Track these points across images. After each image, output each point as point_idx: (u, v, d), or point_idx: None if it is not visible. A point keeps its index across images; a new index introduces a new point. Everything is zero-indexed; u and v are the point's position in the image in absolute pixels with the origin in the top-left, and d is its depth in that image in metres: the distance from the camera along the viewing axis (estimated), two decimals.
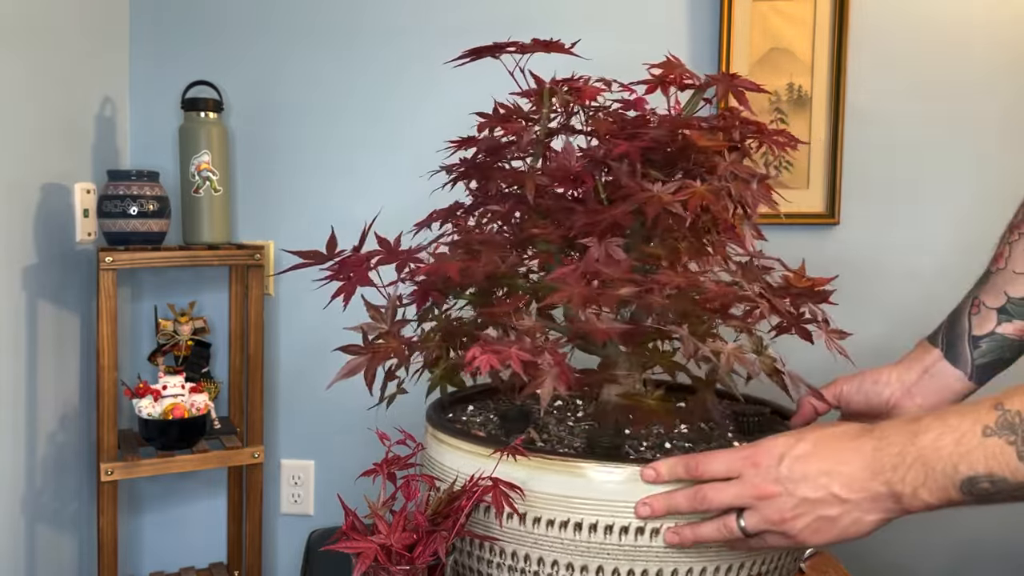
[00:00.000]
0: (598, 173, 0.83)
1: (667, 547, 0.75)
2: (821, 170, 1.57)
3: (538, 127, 0.87)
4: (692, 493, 0.73)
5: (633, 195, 0.77)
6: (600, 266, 0.75)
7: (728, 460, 0.73)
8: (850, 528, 0.69)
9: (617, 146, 0.79)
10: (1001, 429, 0.63)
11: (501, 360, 0.69)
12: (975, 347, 0.92)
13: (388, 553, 0.70)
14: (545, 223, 0.82)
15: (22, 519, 1.36)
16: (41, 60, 1.37)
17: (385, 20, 1.64)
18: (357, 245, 0.83)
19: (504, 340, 0.73)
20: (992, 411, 0.64)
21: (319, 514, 1.72)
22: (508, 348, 0.70)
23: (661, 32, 1.59)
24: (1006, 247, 0.92)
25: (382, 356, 0.80)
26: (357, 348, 0.82)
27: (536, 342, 0.73)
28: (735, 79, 0.85)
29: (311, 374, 1.69)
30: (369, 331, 0.83)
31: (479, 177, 0.90)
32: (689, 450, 0.85)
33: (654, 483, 0.75)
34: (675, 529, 0.75)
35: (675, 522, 0.75)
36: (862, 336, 1.57)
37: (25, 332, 1.35)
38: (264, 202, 1.68)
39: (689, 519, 0.75)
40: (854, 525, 0.69)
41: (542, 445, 0.85)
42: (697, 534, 0.74)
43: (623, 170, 0.80)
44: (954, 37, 1.54)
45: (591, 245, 0.77)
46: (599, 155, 0.82)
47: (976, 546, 1.60)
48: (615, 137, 0.81)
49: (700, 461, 0.74)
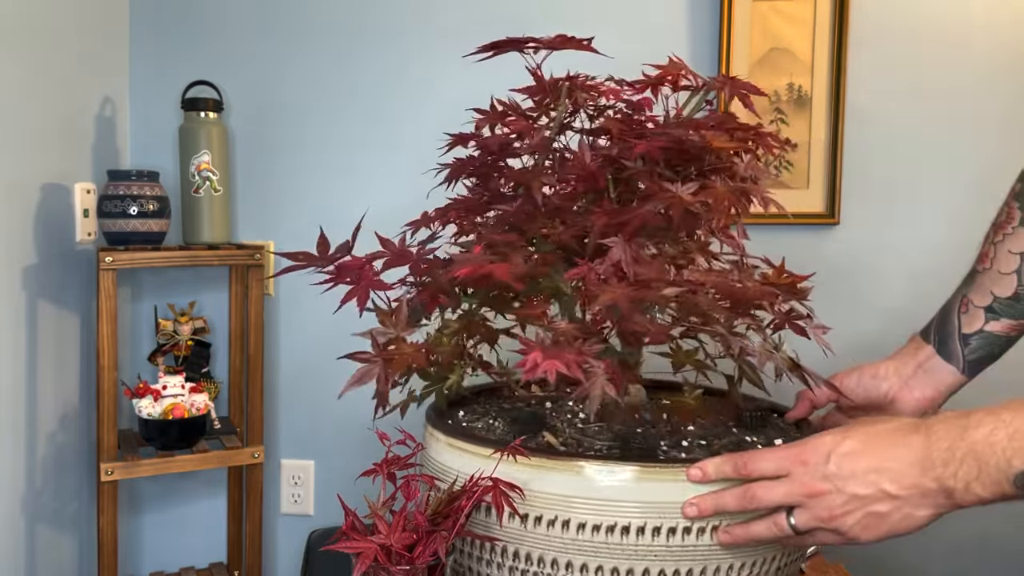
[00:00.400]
0: (611, 173, 0.82)
1: (714, 545, 0.75)
2: (821, 170, 1.57)
3: (551, 124, 0.87)
4: (741, 492, 0.73)
5: (655, 195, 0.77)
6: (635, 267, 0.75)
7: (776, 458, 0.73)
8: (901, 524, 0.70)
9: (636, 145, 0.79)
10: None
11: (565, 364, 0.69)
12: (965, 344, 0.95)
13: (388, 553, 0.70)
14: (553, 223, 0.81)
15: (22, 519, 1.36)
16: (41, 60, 1.37)
17: (386, 20, 1.64)
18: (347, 244, 0.82)
19: (561, 344, 0.72)
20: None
21: (319, 514, 1.72)
22: (564, 353, 0.69)
23: (661, 32, 1.59)
24: (991, 247, 0.95)
25: (402, 362, 0.78)
26: (368, 355, 0.79)
27: (586, 345, 0.72)
28: (734, 81, 0.86)
29: (311, 374, 1.69)
30: (379, 336, 0.80)
31: (484, 176, 0.89)
32: (709, 448, 0.84)
33: (700, 483, 0.75)
34: (726, 529, 0.75)
35: (711, 523, 0.75)
36: (862, 335, 1.58)
37: (25, 332, 1.35)
38: (264, 202, 1.68)
39: (735, 518, 0.75)
40: (904, 520, 0.70)
41: (565, 449, 0.84)
42: (749, 533, 0.74)
43: (642, 170, 0.80)
44: (954, 37, 1.54)
45: (613, 245, 0.76)
46: (612, 154, 0.82)
47: (983, 546, 1.60)
48: (632, 137, 0.81)
49: (748, 460, 0.74)
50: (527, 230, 0.81)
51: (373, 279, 0.78)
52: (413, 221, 0.90)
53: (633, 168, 0.80)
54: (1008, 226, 0.93)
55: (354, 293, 0.78)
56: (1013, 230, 0.93)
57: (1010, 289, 0.92)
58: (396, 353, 0.78)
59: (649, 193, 0.78)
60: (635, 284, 0.73)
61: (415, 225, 0.90)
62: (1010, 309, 0.93)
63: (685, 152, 0.82)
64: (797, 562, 0.85)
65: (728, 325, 0.80)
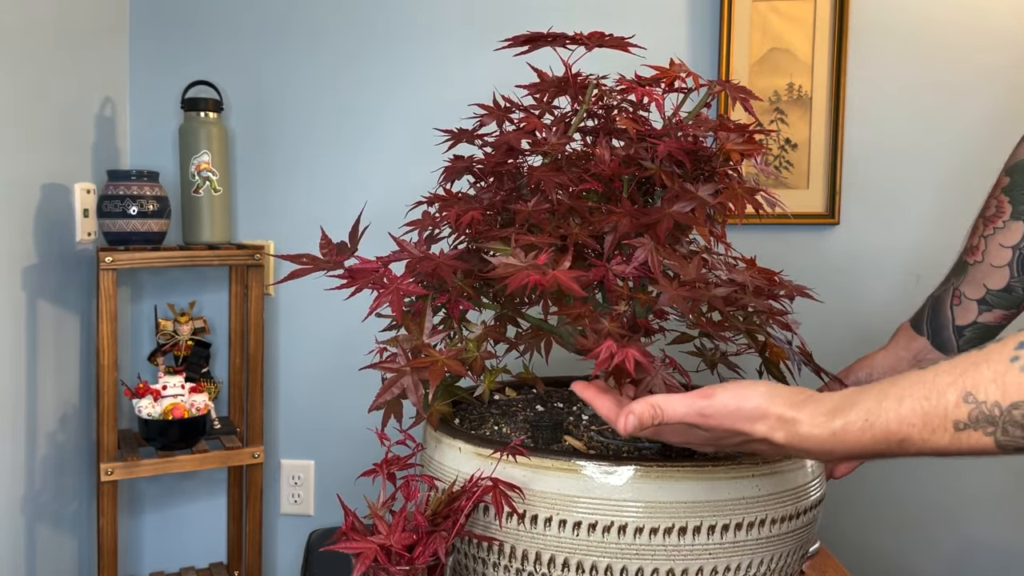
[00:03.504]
0: (631, 173, 0.82)
1: (713, 546, 0.75)
2: (821, 170, 1.57)
3: (570, 121, 0.87)
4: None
5: (680, 196, 0.77)
6: (672, 266, 0.75)
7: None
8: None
9: (658, 146, 0.79)
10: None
11: (642, 354, 0.68)
12: (960, 336, 0.97)
13: (388, 553, 0.70)
14: (568, 223, 0.80)
15: (22, 519, 1.36)
16: (41, 60, 1.37)
17: (387, 19, 1.64)
18: (345, 244, 0.80)
19: (630, 337, 0.71)
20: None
21: (319, 514, 1.72)
22: (631, 345, 0.69)
23: (661, 32, 1.59)
24: (981, 241, 0.96)
25: (437, 371, 0.75)
26: (396, 364, 0.75)
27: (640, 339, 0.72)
28: (727, 84, 0.86)
29: (311, 374, 1.69)
30: (404, 343, 0.76)
31: (499, 175, 0.88)
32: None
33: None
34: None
35: (711, 523, 0.75)
36: (861, 335, 1.58)
37: (25, 332, 1.35)
38: (264, 202, 1.68)
39: None
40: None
41: (593, 452, 0.83)
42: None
43: (663, 170, 0.80)
44: (954, 37, 1.55)
45: (639, 246, 0.76)
46: (630, 154, 0.82)
47: (976, 546, 1.60)
48: (651, 137, 0.81)
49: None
50: (546, 230, 0.80)
51: (404, 284, 0.75)
52: (415, 221, 0.89)
53: (652, 168, 0.80)
54: (999, 220, 0.95)
55: (384, 298, 0.74)
56: (1004, 224, 0.94)
57: (1003, 281, 0.94)
58: (429, 361, 0.75)
59: (674, 194, 0.78)
60: (686, 285, 0.73)
61: (417, 224, 0.88)
62: (1003, 300, 0.95)
63: (698, 153, 0.82)
64: (797, 562, 0.86)
65: (762, 321, 0.81)
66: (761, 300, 0.80)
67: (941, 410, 0.56)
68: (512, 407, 0.98)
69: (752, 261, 0.87)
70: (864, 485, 1.59)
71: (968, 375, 0.55)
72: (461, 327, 0.83)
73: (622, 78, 0.86)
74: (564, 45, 0.88)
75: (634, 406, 0.66)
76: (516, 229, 0.79)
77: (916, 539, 1.62)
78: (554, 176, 0.81)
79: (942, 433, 0.56)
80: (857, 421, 0.59)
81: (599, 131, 0.89)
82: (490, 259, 0.77)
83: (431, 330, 0.78)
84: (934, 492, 1.61)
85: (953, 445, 0.56)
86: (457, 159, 0.94)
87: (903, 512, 1.62)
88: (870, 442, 0.59)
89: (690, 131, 0.83)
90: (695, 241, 0.88)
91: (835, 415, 0.60)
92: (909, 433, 0.57)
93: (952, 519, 1.62)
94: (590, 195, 0.83)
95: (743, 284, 0.78)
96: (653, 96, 0.82)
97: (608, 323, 0.72)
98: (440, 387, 0.85)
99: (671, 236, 0.79)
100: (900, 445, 0.58)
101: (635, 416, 0.65)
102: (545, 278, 0.70)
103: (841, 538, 1.53)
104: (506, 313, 0.86)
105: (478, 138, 0.93)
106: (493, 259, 0.75)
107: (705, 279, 0.76)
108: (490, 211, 0.85)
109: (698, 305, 0.74)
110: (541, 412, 0.96)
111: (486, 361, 0.81)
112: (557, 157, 0.86)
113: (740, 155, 0.82)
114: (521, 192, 0.88)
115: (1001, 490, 1.58)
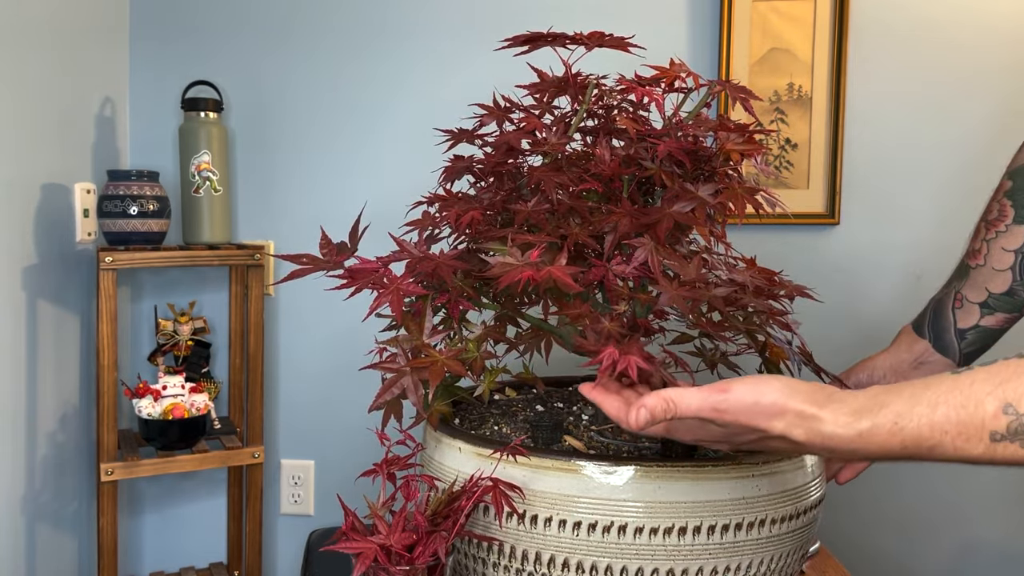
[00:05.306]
0: (631, 173, 0.82)
1: (713, 546, 0.75)
2: (821, 170, 1.57)
3: (573, 121, 0.87)
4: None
5: (681, 196, 0.77)
6: (672, 266, 0.75)
7: None
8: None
9: (658, 146, 0.79)
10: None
11: (644, 359, 0.67)
12: (962, 339, 0.98)
13: (388, 553, 0.70)
14: (568, 223, 0.80)
15: (22, 519, 1.36)
16: (41, 60, 1.37)
17: (388, 18, 1.64)
18: (345, 244, 0.80)
19: (632, 340, 0.70)
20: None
21: (319, 514, 1.72)
22: (631, 349, 0.68)
23: (661, 32, 1.59)
24: (983, 244, 0.97)
25: (438, 371, 0.75)
26: (396, 364, 0.75)
27: (643, 343, 0.72)
28: (727, 84, 0.86)
29: (311, 374, 1.69)
30: (404, 343, 0.76)
31: (499, 174, 0.88)
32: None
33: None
34: None
35: (710, 523, 0.75)
36: (861, 335, 1.58)
37: (25, 332, 1.35)
38: (264, 202, 1.68)
39: None
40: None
41: (593, 452, 0.83)
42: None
43: (663, 170, 0.80)
44: (954, 37, 1.55)
45: (639, 246, 0.76)
46: (630, 154, 0.82)
47: (978, 546, 1.60)
48: (651, 137, 0.81)
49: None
50: (545, 230, 0.80)
51: (404, 284, 0.75)
52: (414, 220, 0.89)
53: (652, 168, 0.80)
54: (1001, 223, 0.95)
55: (384, 298, 0.74)
56: (1007, 228, 0.94)
57: (1005, 285, 0.95)
58: (429, 361, 0.75)
59: (674, 194, 0.78)
60: (686, 285, 0.73)
61: (417, 224, 0.88)
62: (1006, 304, 0.95)
63: (698, 153, 0.82)
64: (797, 562, 0.86)
65: (762, 321, 0.81)
66: (761, 300, 0.80)
67: (978, 420, 0.55)
68: (512, 407, 0.98)
69: (752, 261, 0.87)
70: (865, 485, 1.59)
71: (1009, 385, 0.54)
72: (461, 327, 0.82)
73: (622, 78, 0.85)
74: (564, 45, 0.88)
75: (646, 400, 0.64)
76: (516, 229, 0.79)
77: (916, 539, 1.62)
78: (554, 176, 0.80)
79: (976, 443, 0.55)
80: (886, 424, 0.57)
81: (599, 131, 0.89)
82: (488, 259, 0.77)
83: (431, 330, 0.78)
84: (935, 492, 1.61)
85: (987, 455, 0.55)
86: (457, 159, 0.93)
87: (903, 512, 1.62)
88: (898, 446, 0.57)
89: (690, 131, 0.83)
90: (695, 241, 0.88)
91: (862, 416, 0.58)
92: (941, 440, 0.56)
93: (953, 519, 1.61)
94: (590, 195, 0.83)
95: (743, 284, 0.78)
96: (653, 96, 0.82)
97: (608, 323, 0.72)
98: (440, 387, 0.85)
99: (671, 236, 0.79)
100: (930, 451, 0.57)
101: (647, 410, 0.64)
102: (539, 274, 0.70)
103: (841, 538, 1.53)
104: (506, 313, 0.86)
105: (478, 138, 0.93)
106: (491, 259, 0.75)
107: (705, 279, 0.76)
108: (490, 211, 0.85)
109: (698, 305, 0.73)
110: (541, 412, 0.95)
111: (486, 361, 0.81)
112: (557, 157, 0.86)
113: (740, 155, 0.82)
114: (521, 192, 0.88)
115: (1004, 490, 1.58)
